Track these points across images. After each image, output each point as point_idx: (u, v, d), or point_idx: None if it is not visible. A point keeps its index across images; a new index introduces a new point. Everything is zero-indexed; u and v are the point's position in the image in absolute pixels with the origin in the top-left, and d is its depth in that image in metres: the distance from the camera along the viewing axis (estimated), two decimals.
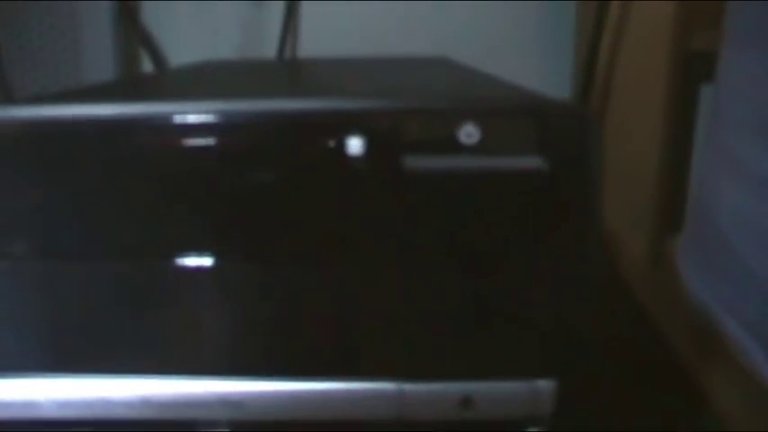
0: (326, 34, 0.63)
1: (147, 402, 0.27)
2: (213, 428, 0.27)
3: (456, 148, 0.25)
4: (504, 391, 0.27)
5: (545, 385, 0.27)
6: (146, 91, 0.39)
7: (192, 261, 0.26)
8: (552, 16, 0.65)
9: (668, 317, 0.50)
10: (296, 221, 0.25)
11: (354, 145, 0.25)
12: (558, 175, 0.25)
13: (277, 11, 0.61)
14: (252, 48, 0.64)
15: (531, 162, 0.25)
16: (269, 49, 0.63)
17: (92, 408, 0.27)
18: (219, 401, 0.26)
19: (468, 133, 0.25)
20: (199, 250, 0.25)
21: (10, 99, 0.53)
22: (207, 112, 0.25)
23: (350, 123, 0.25)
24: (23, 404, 0.27)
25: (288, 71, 0.50)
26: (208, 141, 0.25)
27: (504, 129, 0.25)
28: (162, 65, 0.60)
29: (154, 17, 0.62)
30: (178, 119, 0.25)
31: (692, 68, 0.53)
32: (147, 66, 0.62)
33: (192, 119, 0.25)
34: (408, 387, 0.26)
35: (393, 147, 0.25)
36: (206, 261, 0.26)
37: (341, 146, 0.25)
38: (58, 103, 0.26)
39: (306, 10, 0.62)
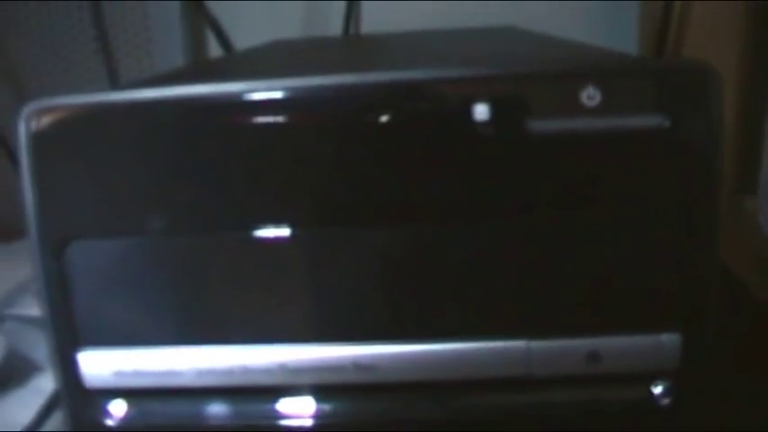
0: (384, 10, 0.63)
1: (284, 368, 0.28)
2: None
3: (578, 110, 0.25)
4: (630, 345, 0.27)
5: (671, 339, 0.27)
6: (243, 70, 0.39)
7: (322, 230, 0.26)
8: (613, 17, 0.64)
9: (751, 274, 0.50)
10: (425, 187, 0.26)
11: (481, 111, 0.25)
12: (680, 132, 0.25)
13: None
14: (313, 26, 0.65)
15: (653, 120, 0.25)
16: (330, 28, 0.63)
17: (231, 375, 0.28)
18: (353, 366, 0.27)
19: (590, 95, 0.25)
20: (329, 219, 0.26)
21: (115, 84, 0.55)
22: (338, 84, 0.25)
23: (477, 90, 0.25)
24: (164, 373, 0.28)
25: (370, 46, 0.51)
26: (343, 113, 0.25)
27: (624, 89, 0.26)
28: (230, 47, 0.61)
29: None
30: (306, 92, 0.26)
31: None
32: (215, 50, 0.63)
33: (323, 91, 0.26)
34: (536, 344, 0.27)
35: (518, 111, 0.25)
36: (336, 229, 0.26)
37: (468, 112, 0.25)
38: (161, 85, 0.27)
39: None
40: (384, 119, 0.26)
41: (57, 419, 0.49)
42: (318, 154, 0.26)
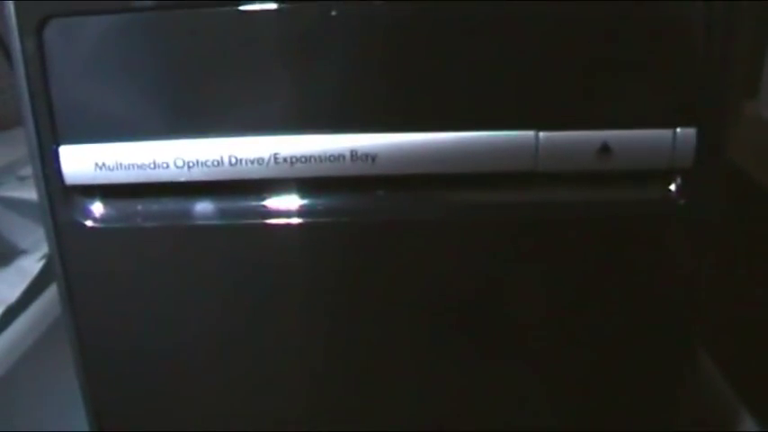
0: None
1: (277, 159, 0.26)
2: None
3: None
4: (643, 139, 0.26)
5: (686, 134, 0.26)
6: None
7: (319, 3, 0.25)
8: None
9: (754, 164, 0.49)
10: None
11: None
12: None
13: None
14: None
15: None
16: None
17: (220, 168, 0.26)
18: (351, 155, 0.26)
19: None
20: None
21: None
22: None
23: None
24: (149, 166, 0.26)
25: None
26: None
27: None
28: None
29: None
30: None
31: None
32: None
33: None
34: (544, 136, 0.26)
35: None
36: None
37: None
38: None
39: None
40: None
41: (45, 299, 0.48)
42: None
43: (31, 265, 0.48)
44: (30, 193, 0.52)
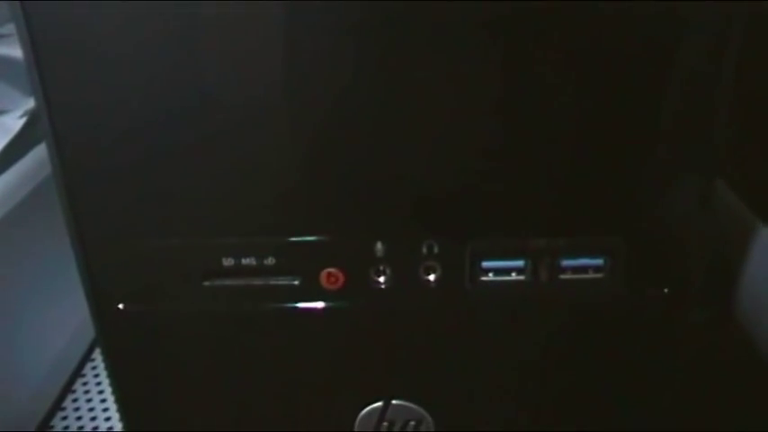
0: None
1: None
2: None
3: None
4: None
5: None
6: None
7: None
8: None
9: None
10: None
11: None
12: None
13: None
14: None
15: None
16: None
17: None
18: None
19: None
20: None
21: None
22: None
23: None
24: None
25: None
26: None
27: None
28: None
29: None
30: None
31: None
32: None
33: None
34: None
35: None
36: None
37: None
38: None
39: None
40: None
41: (30, 159, 0.46)
42: None
43: (12, 122, 0.46)
44: (9, 50, 0.50)
